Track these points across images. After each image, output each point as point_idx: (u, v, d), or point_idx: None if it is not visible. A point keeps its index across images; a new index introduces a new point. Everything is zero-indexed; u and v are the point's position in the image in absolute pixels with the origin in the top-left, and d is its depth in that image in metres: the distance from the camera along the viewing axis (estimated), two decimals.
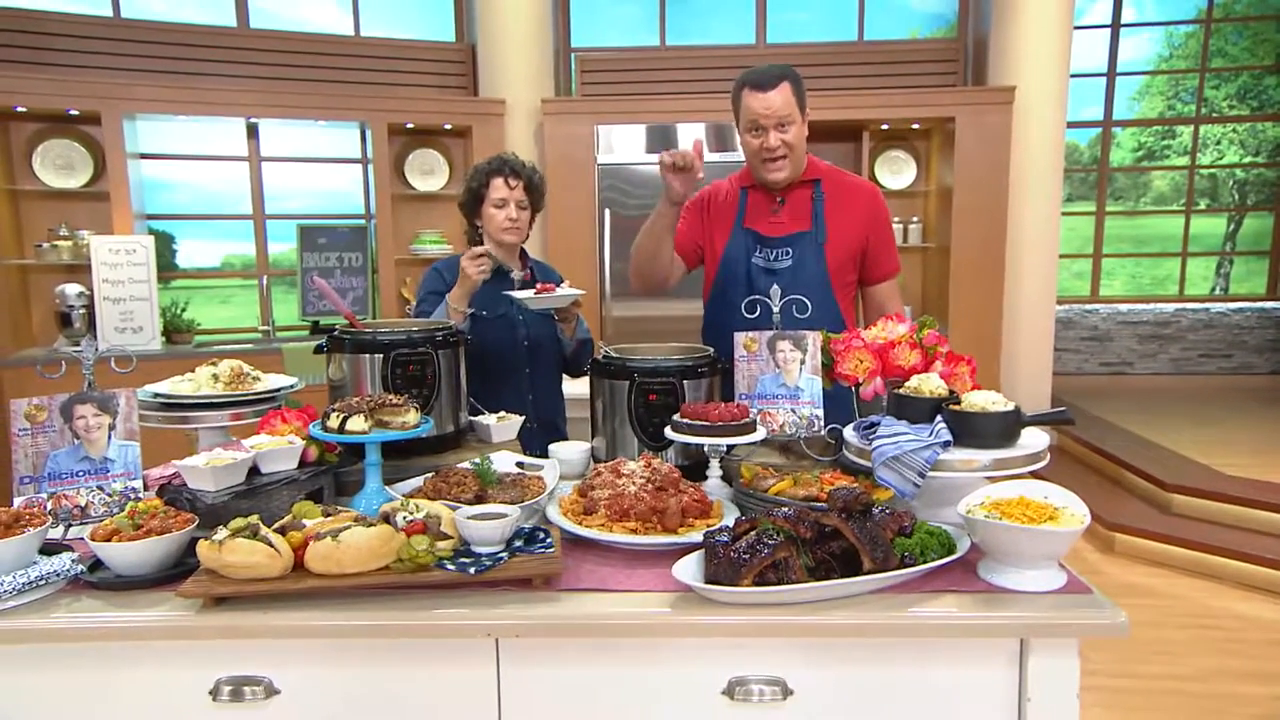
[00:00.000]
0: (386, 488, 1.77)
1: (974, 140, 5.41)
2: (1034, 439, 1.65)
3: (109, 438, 1.66)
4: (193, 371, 1.98)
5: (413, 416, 1.77)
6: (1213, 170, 8.09)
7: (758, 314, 2.06)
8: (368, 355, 1.95)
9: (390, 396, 1.77)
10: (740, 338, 2.05)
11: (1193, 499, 4.47)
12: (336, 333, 2.02)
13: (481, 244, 2.54)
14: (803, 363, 2.00)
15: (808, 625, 1.33)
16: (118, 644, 1.38)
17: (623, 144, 5.44)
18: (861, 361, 1.96)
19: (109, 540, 1.42)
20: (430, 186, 5.75)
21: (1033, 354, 5.83)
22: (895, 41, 6.31)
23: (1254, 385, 7.73)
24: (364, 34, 5.93)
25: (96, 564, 1.48)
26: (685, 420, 1.80)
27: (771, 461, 1.99)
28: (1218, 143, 8.12)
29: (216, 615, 1.35)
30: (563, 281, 2.44)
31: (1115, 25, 7.63)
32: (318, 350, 2.01)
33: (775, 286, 2.11)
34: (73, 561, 1.45)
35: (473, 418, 2.15)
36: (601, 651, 1.38)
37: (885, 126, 5.78)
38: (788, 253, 2.33)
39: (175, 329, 5.30)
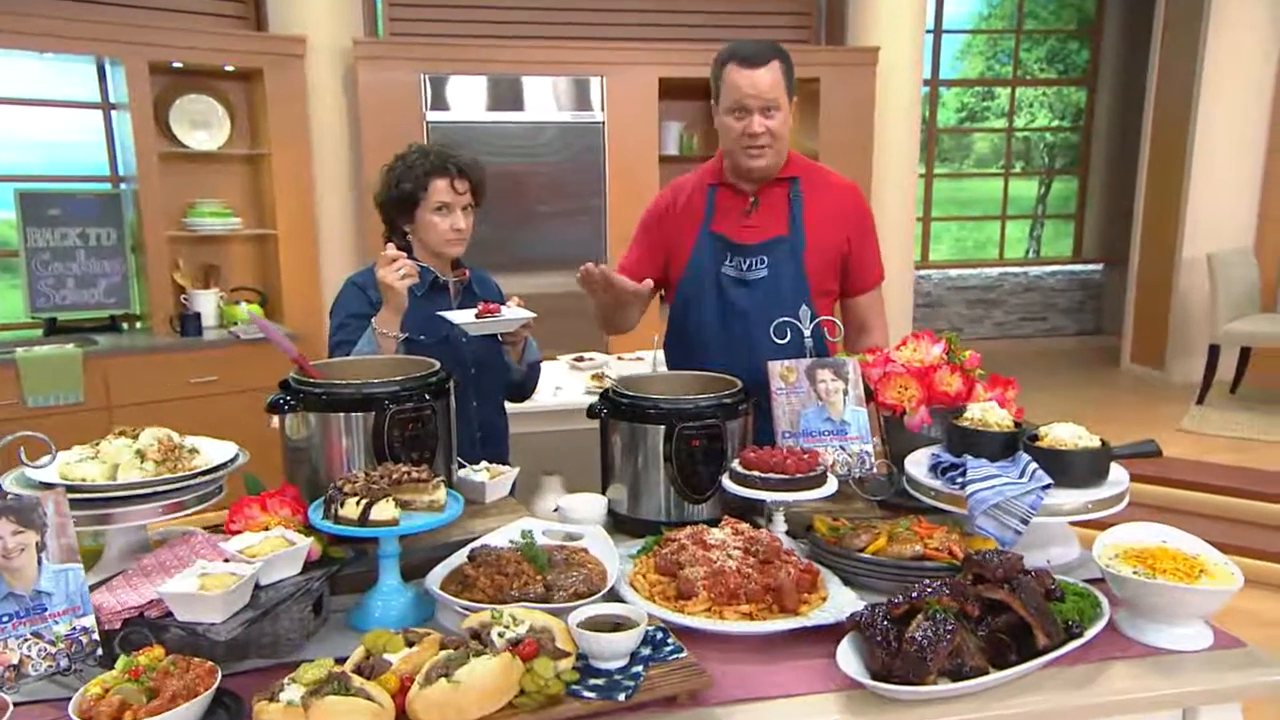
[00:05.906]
0: (408, 585, 1.59)
1: (840, 102, 5.71)
2: (1118, 474, 1.81)
3: (39, 562, 1.35)
4: (92, 447, 1.65)
5: (441, 494, 1.61)
6: (1026, 133, 9.15)
7: (787, 338, 2.06)
8: (345, 414, 1.73)
9: (411, 470, 1.59)
10: (775, 367, 2.04)
11: None
12: (292, 381, 1.77)
13: (410, 253, 2.32)
14: (845, 393, 2.04)
15: (991, 718, 1.37)
16: None
17: (460, 98, 5.17)
18: (906, 388, 2.03)
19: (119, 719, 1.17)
20: (207, 144, 5.12)
21: (895, 322, 6.30)
22: None
23: (1065, 347, 8.91)
24: None
25: None
26: (756, 473, 1.76)
27: (819, 505, 2.02)
28: (1030, 105, 9.18)
29: None
30: (507, 300, 2.28)
31: None
32: (271, 409, 1.74)
33: (804, 307, 2.11)
34: None
35: (458, 473, 1.98)
36: None
37: None
38: (763, 261, 2.32)
39: None
